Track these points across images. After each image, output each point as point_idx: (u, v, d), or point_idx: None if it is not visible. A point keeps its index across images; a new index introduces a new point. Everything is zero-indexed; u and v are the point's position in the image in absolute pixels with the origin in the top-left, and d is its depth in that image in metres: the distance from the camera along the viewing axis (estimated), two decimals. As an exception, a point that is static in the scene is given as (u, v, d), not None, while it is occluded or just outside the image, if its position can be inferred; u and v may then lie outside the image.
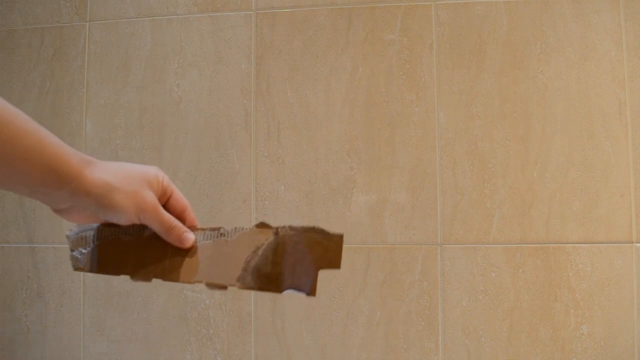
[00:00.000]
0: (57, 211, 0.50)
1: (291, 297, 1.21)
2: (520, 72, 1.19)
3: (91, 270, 0.56)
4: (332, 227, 1.25)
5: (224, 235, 0.56)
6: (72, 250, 0.56)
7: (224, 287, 0.55)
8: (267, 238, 0.56)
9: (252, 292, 1.23)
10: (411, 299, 1.18)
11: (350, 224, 1.21)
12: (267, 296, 1.22)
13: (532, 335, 1.14)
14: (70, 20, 1.34)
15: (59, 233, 1.29)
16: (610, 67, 1.16)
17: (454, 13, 1.21)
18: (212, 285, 0.55)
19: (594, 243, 1.14)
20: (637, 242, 1.13)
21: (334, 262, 0.55)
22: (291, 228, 0.56)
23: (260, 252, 0.55)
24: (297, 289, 0.55)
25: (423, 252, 1.18)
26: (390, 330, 1.18)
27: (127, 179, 0.50)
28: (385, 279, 1.19)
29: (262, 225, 0.56)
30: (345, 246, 1.24)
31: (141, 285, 1.26)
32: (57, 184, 0.46)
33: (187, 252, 0.55)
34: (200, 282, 0.55)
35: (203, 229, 0.57)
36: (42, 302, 1.30)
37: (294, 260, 0.55)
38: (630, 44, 1.16)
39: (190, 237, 0.55)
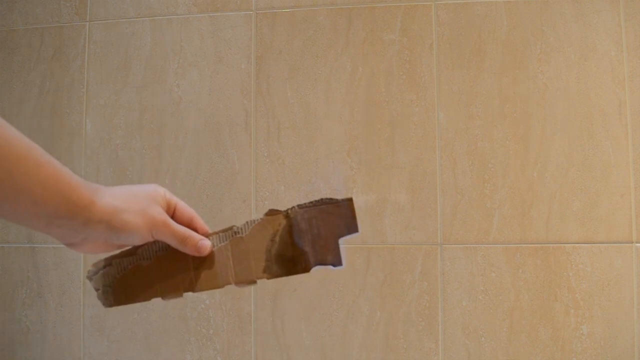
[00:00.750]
0: (71, 245, 0.51)
1: (291, 298, 1.21)
2: (520, 72, 1.19)
3: (122, 303, 0.55)
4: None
5: (238, 232, 0.56)
6: (97, 290, 0.56)
7: (253, 282, 0.56)
8: (280, 223, 0.56)
9: (252, 292, 1.23)
10: (411, 299, 1.18)
11: (350, 224, 1.21)
12: (267, 296, 1.22)
13: (532, 335, 1.14)
14: (70, 20, 1.34)
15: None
16: (610, 67, 1.16)
17: (454, 13, 1.21)
18: (242, 284, 0.56)
19: (594, 243, 1.14)
20: (637, 242, 1.13)
21: (352, 227, 0.55)
22: (300, 206, 0.56)
23: (277, 238, 0.56)
24: (324, 263, 0.55)
25: (423, 252, 1.18)
26: (390, 330, 1.18)
27: (133, 199, 0.51)
28: (385, 279, 1.19)
29: (272, 212, 0.57)
30: (345, 246, 1.24)
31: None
32: (71, 214, 0.47)
33: (207, 258, 0.56)
34: (229, 284, 0.55)
35: (216, 233, 0.57)
36: (42, 302, 1.30)
37: (312, 236, 0.55)
38: (630, 44, 1.16)
39: (206, 244, 0.55)
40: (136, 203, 0.51)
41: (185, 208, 0.56)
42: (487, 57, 1.20)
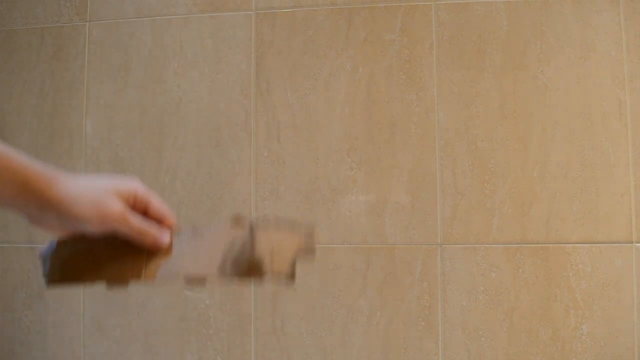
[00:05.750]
0: (31, 221, 0.53)
1: (291, 298, 1.21)
2: (520, 72, 1.19)
3: (66, 284, 0.56)
4: (332, 227, 1.25)
5: (200, 232, 0.57)
6: (44, 265, 0.56)
7: (203, 280, 0.56)
8: (242, 233, 0.57)
9: (252, 292, 1.23)
10: (411, 299, 1.18)
11: (351, 224, 1.21)
12: (267, 296, 1.22)
13: (532, 335, 1.14)
14: (70, 20, 1.34)
15: (59, 233, 1.29)
16: (610, 67, 1.16)
17: (454, 13, 1.21)
18: (191, 280, 0.56)
19: (594, 243, 1.14)
20: (637, 242, 1.13)
21: (309, 252, 0.57)
22: (264, 219, 0.57)
23: (237, 244, 0.56)
24: (277, 275, 0.56)
25: (423, 252, 1.18)
26: (390, 330, 1.18)
27: (90, 189, 0.52)
28: (385, 279, 1.19)
29: (237, 220, 0.58)
30: (345, 246, 1.24)
31: (141, 285, 1.26)
32: (25, 200, 0.49)
33: (163, 252, 0.56)
34: (179, 277, 0.56)
35: (178, 229, 0.58)
36: (42, 302, 1.30)
37: (271, 248, 0.56)
38: (630, 44, 1.16)
39: (165, 238, 0.56)
40: (92, 194, 0.52)
41: (158, 206, 0.57)
42: (487, 57, 1.20)
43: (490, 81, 1.19)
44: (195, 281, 0.56)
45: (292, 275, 0.56)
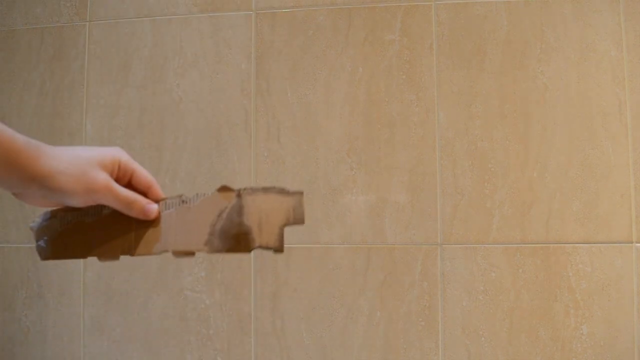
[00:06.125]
0: (15, 195, 0.52)
1: (291, 298, 1.21)
2: (520, 72, 1.19)
3: (58, 257, 0.56)
4: (332, 227, 1.25)
5: (186, 202, 0.57)
6: (37, 241, 0.56)
7: (191, 254, 0.56)
8: (230, 201, 0.56)
9: (252, 292, 1.23)
10: (411, 299, 1.18)
11: (350, 224, 1.21)
12: (267, 296, 1.22)
13: (532, 335, 1.14)
14: (70, 20, 1.34)
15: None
16: (610, 67, 1.16)
17: (454, 13, 1.21)
18: (179, 253, 0.56)
19: (594, 243, 1.14)
20: (637, 242, 1.13)
21: (298, 218, 0.56)
22: (252, 189, 0.56)
23: (224, 215, 0.56)
24: (266, 247, 0.55)
25: (423, 252, 1.18)
26: (390, 330, 1.18)
27: (74, 161, 0.51)
28: (385, 279, 1.19)
29: (224, 189, 0.57)
30: (345, 246, 1.24)
31: (141, 285, 1.26)
32: (8, 174, 0.48)
33: (151, 223, 0.56)
34: (167, 251, 0.56)
35: (164, 199, 0.57)
36: (42, 302, 1.30)
37: (259, 219, 0.56)
38: (630, 44, 1.16)
39: (153, 208, 0.56)
40: (75, 165, 0.51)
41: (143, 176, 0.56)
42: (487, 57, 1.20)
43: (490, 81, 1.19)
44: (182, 255, 0.56)
45: (280, 247, 0.55)
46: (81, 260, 1.28)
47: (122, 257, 0.56)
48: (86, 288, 1.28)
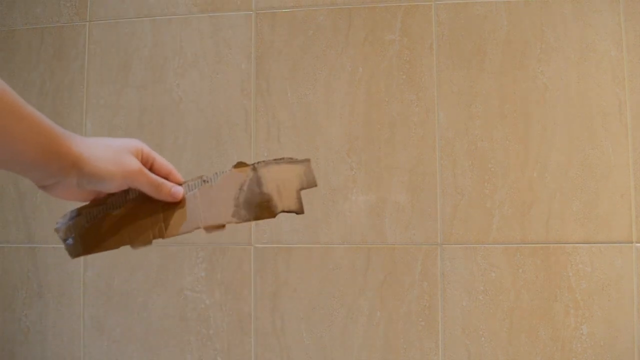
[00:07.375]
0: (43, 187, 0.52)
1: (291, 298, 1.21)
2: (520, 72, 1.19)
3: (89, 252, 0.57)
4: (332, 227, 1.25)
5: (207, 181, 0.60)
6: (65, 240, 0.57)
7: (222, 227, 0.59)
8: (248, 174, 0.60)
9: (252, 292, 1.23)
10: (411, 299, 1.18)
11: (350, 224, 1.21)
12: (267, 296, 1.22)
13: (532, 335, 1.14)
14: (70, 20, 1.34)
15: (59, 233, 1.29)
16: (610, 67, 1.16)
17: (454, 13, 1.21)
18: (210, 228, 0.59)
19: (594, 243, 1.14)
20: (637, 242, 1.13)
21: (311, 182, 0.61)
22: (265, 162, 0.61)
23: (245, 187, 0.60)
24: (288, 210, 0.60)
25: (423, 252, 1.18)
26: (390, 330, 1.18)
27: (109, 148, 0.54)
28: (385, 279, 1.19)
29: (240, 165, 0.61)
30: (345, 246, 1.24)
31: (141, 285, 1.26)
32: (47, 161, 0.49)
33: (177, 205, 0.59)
34: (199, 228, 0.59)
35: (186, 182, 0.60)
36: (42, 302, 1.30)
37: (277, 187, 0.60)
38: (630, 44, 1.16)
39: (179, 190, 0.58)
40: (110, 152, 0.53)
41: (163, 163, 0.59)
42: (487, 57, 1.20)
43: (490, 81, 1.19)
44: (214, 229, 0.59)
45: (301, 208, 0.60)
46: (81, 261, 1.29)
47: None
48: (86, 288, 1.28)
